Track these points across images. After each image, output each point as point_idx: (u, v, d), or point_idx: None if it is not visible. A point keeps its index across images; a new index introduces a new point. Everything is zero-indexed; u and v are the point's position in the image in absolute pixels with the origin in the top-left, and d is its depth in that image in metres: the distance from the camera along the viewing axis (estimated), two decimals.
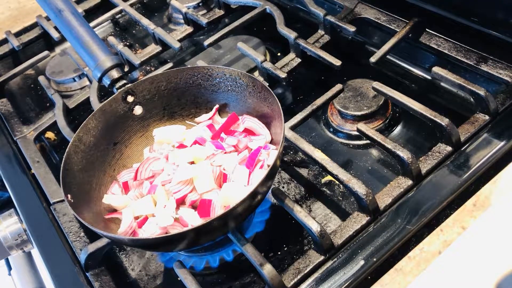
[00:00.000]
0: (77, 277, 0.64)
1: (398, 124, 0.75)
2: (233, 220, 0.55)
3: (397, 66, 0.84)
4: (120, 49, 0.94)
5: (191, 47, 1.03)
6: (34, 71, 1.07)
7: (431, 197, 0.59)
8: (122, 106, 0.69)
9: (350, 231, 0.58)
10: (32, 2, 1.21)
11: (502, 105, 0.67)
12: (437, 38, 0.78)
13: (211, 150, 0.64)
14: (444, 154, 0.63)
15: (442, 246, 0.55)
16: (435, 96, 0.78)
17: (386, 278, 0.54)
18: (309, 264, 0.57)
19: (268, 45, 0.93)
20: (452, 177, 0.61)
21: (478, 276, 0.51)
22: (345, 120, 0.75)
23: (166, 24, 1.11)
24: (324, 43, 0.84)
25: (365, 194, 0.58)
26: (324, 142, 0.76)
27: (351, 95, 0.76)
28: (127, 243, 0.64)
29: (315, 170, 0.72)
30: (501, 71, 0.70)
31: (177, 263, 0.58)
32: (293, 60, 0.84)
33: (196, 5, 1.05)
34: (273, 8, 0.90)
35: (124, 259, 0.69)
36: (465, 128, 0.65)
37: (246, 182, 0.60)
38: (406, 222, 0.58)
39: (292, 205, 0.59)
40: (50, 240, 0.70)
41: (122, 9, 1.08)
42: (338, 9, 0.90)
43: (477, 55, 0.73)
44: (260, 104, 0.65)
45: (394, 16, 0.83)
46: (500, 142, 0.63)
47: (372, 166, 0.70)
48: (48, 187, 0.76)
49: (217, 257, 0.62)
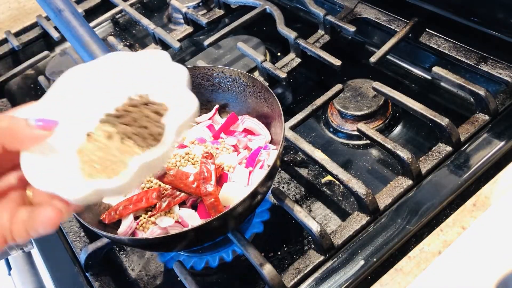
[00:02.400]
0: (77, 277, 0.64)
1: (398, 124, 0.75)
2: (233, 220, 0.55)
3: (397, 66, 0.84)
4: (120, 49, 0.94)
5: (191, 47, 1.03)
6: (34, 71, 1.07)
7: (431, 197, 0.59)
8: None
9: (350, 231, 0.58)
10: (32, 2, 1.21)
11: (502, 105, 0.67)
12: (437, 38, 0.78)
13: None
14: (444, 154, 0.63)
15: (442, 246, 0.55)
16: (435, 96, 0.78)
17: (386, 278, 0.54)
18: (309, 264, 0.57)
19: (268, 45, 0.93)
20: (452, 177, 0.61)
21: (478, 276, 0.51)
22: (345, 120, 0.75)
23: (166, 24, 1.11)
24: (324, 43, 0.84)
25: (365, 194, 0.58)
26: (324, 142, 0.76)
27: (351, 95, 0.76)
28: (127, 243, 0.64)
29: (315, 170, 0.72)
30: (501, 71, 0.70)
31: (177, 263, 0.58)
32: (293, 60, 0.84)
33: (196, 5, 1.05)
34: (273, 8, 0.90)
35: (124, 259, 0.69)
36: (465, 128, 0.65)
37: (246, 182, 0.60)
38: (406, 222, 0.58)
39: (292, 205, 0.59)
40: (50, 240, 0.70)
41: (122, 9, 1.08)
42: (338, 9, 0.90)
43: (477, 55, 0.73)
44: (260, 104, 0.65)
45: (394, 16, 0.83)
46: (500, 142, 0.63)
47: (372, 166, 0.70)
48: None
49: (217, 257, 0.62)
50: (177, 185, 0.58)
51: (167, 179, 0.57)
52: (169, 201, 0.60)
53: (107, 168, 0.45)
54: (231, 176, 0.61)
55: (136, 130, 0.47)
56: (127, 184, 0.43)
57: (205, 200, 0.57)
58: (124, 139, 0.46)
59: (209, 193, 0.57)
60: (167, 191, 0.61)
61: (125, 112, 0.48)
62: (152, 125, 0.47)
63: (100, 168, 0.45)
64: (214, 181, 0.58)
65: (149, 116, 0.48)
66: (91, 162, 0.45)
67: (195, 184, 0.58)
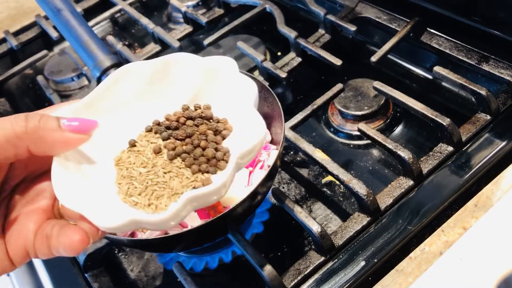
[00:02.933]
0: (76, 278, 0.64)
1: (399, 124, 0.74)
2: (233, 221, 0.55)
3: (398, 66, 0.84)
4: (119, 48, 0.93)
5: (190, 46, 1.03)
6: (32, 71, 1.07)
7: (432, 198, 0.59)
8: None
9: (350, 231, 0.58)
10: (30, 1, 1.21)
11: (503, 104, 0.67)
12: (438, 37, 0.77)
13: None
14: (445, 154, 0.63)
15: (444, 247, 0.55)
16: (436, 95, 0.78)
17: (387, 279, 0.54)
18: (309, 265, 0.56)
19: (268, 45, 0.93)
20: (454, 177, 0.61)
21: (480, 277, 0.51)
22: (346, 120, 0.75)
23: (166, 23, 1.11)
24: (325, 43, 0.84)
25: (365, 195, 0.58)
26: (324, 142, 0.75)
27: (351, 94, 0.76)
28: (126, 244, 0.64)
29: (316, 170, 0.71)
30: (503, 70, 0.70)
31: (176, 264, 0.58)
32: (294, 59, 0.83)
33: (195, 4, 1.05)
34: (273, 7, 0.90)
35: (123, 260, 0.69)
36: (467, 128, 0.65)
37: (246, 183, 0.60)
38: (407, 222, 0.57)
39: (293, 206, 0.59)
40: None
41: (121, 8, 1.08)
42: (338, 8, 0.90)
43: (479, 54, 0.73)
44: (260, 104, 0.64)
45: (395, 15, 0.83)
46: (502, 142, 0.62)
47: (373, 166, 0.70)
48: None
49: (217, 258, 0.62)
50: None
51: None
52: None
53: (149, 192, 0.37)
54: None
55: (189, 149, 0.39)
56: (169, 219, 0.36)
57: None
58: (174, 158, 0.38)
59: None
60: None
61: (177, 124, 0.40)
62: (210, 147, 0.39)
63: (141, 188, 0.37)
64: None
65: (208, 134, 0.40)
66: (131, 178, 0.38)
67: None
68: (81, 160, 0.38)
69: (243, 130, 0.40)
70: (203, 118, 0.41)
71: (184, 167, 0.38)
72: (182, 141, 0.39)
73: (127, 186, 0.38)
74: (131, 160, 0.39)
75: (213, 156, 0.39)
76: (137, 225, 0.36)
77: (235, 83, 0.42)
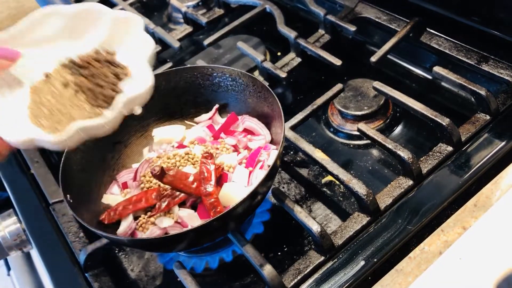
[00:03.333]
0: (76, 277, 0.64)
1: (399, 124, 0.74)
2: (233, 221, 0.55)
3: (397, 66, 0.84)
4: None
5: (190, 46, 1.03)
6: None
7: (432, 197, 0.59)
8: None
9: (350, 231, 0.58)
10: (31, 1, 1.21)
11: (503, 105, 0.67)
12: (438, 37, 0.77)
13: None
14: (445, 154, 0.63)
15: (443, 247, 0.55)
16: (436, 96, 0.78)
17: (386, 278, 0.54)
18: (309, 264, 0.56)
19: (268, 45, 0.93)
20: (453, 177, 0.61)
21: (479, 276, 0.51)
22: (346, 120, 0.75)
23: (166, 23, 1.11)
24: (325, 43, 0.84)
25: (365, 194, 0.58)
26: (324, 142, 0.75)
27: (351, 94, 0.76)
28: (127, 244, 0.64)
29: (316, 170, 0.71)
30: (502, 70, 0.70)
31: (177, 264, 0.58)
32: (293, 59, 0.83)
33: (195, 4, 1.05)
34: (273, 8, 0.90)
35: (124, 260, 0.69)
36: (466, 128, 0.65)
37: (246, 182, 0.60)
38: (407, 222, 0.57)
39: (293, 206, 0.59)
40: (49, 240, 0.69)
41: (121, 8, 1.08)
42: (338, 9, 0.90)
43: (478, 54, 0.73)
44: (260, 104, 0.65)
45: (395, 15, 0.83)
46: (501, 142, 0.62)
47: (372, 166, 0.70)
48: (47, 187, 0.76)
49: (217, 257, 0.62)
50: (176, 185, 0.58)
51: (166, 179, 0.57)
52: (169, 201, 0.59)
53: (53, 117, 0.45)
54: (231, 176, 0.61)
55: (92, 86, 0.46)
56: (63, 142, 0.44)
57: (205, 200, 0.57)
58: (78, 92, 0.46)
59: (209, 193, 0.57)
60: (166, 191, 0.60)
61: (86, 64, 0.48)
62: (108, 87, 0.47)
63: (47, 113, 0.45)
64: (214, 181, 0.58)
65: (108, 76, 0.48)
66: (41, 104, 0.45)
67: (195, 184, 0.58)
68: (2, 83, 0.45)
69: (137, 79, 0.48)
70: (108, 62, 0.48)
71: (85, 101, 0.46)
72: (87, 79, 0.47)
73: (36, 111, 0.45)
74: (44, 90, 0.46)
75: (110, 96, 0.46)
76: (37, 143, 0.44)
77: (138, 38, 0.50)
